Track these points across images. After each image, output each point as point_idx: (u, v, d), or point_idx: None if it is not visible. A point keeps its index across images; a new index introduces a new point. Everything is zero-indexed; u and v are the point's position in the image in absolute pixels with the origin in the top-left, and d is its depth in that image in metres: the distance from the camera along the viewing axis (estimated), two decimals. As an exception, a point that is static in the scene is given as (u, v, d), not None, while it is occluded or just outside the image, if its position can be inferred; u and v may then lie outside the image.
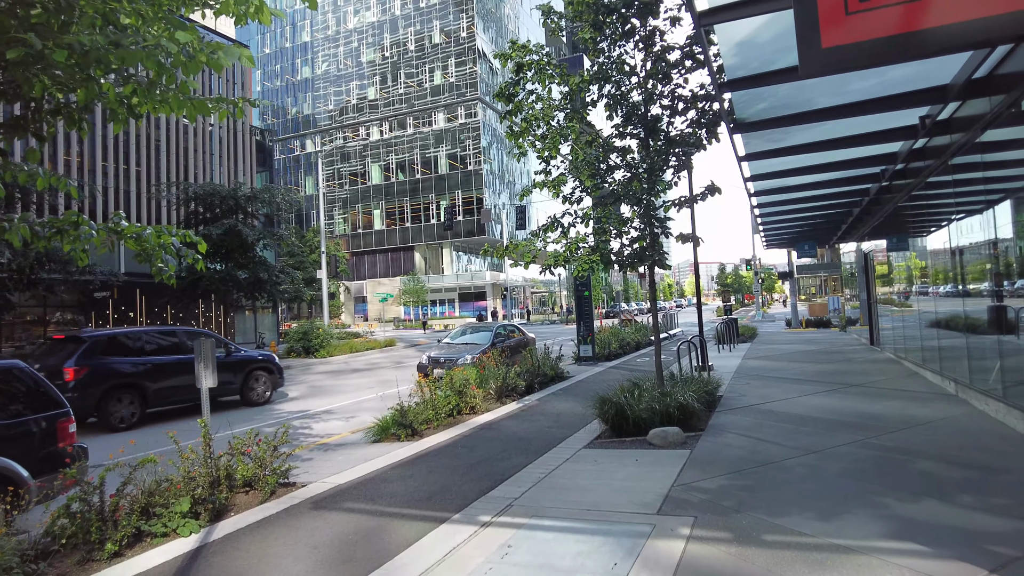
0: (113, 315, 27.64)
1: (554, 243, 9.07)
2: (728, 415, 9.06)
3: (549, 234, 9.19)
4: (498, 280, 62.75)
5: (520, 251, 9.01)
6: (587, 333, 18.18)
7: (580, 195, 9.08)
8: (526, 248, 9.02)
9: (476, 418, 10.00)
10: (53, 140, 26.25)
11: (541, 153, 8.82)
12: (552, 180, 8.97)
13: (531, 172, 9.12)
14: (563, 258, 8.71)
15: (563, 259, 8.71)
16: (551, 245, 9.09)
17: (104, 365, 11.67)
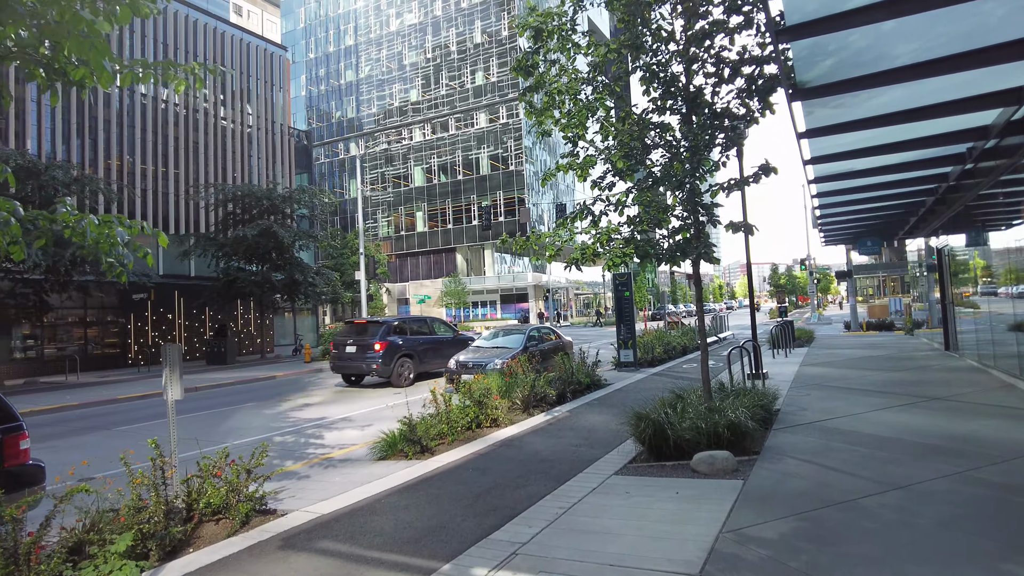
0: (151, 316, 27.69)
1: (583, 234, 7.94)
2: (787, 434, 7.75)
3: (577, 223, 8.07)
4: (540, 281, 61.63)
5: (542, 243, 7.89)
6: (628, 337, 16.91)
7: (612, 180, 7.93)
8: (549, 240, 7.88)
9: (497, 432, 8.94)
10: (94, 144, 26.47)
11: (566, 132, 7.70)
12: (579, 162, 7.84)
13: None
14: (591, 251, 7.56)
15: (591, 252, 7.57)
16: (579, 236, 7.95)
17: (395, 341, 16.38)
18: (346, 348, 16.56)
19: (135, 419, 13.23)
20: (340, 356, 16.76)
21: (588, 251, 7.57)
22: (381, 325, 16.76)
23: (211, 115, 31.56)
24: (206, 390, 18.23)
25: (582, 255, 7.54)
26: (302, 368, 23.21)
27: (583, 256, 7.57)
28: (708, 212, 7.63)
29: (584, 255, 7.56)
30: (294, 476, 7.49)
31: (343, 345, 16.73)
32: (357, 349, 16.40)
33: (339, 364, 16.89)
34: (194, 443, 10.31)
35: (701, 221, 7.66)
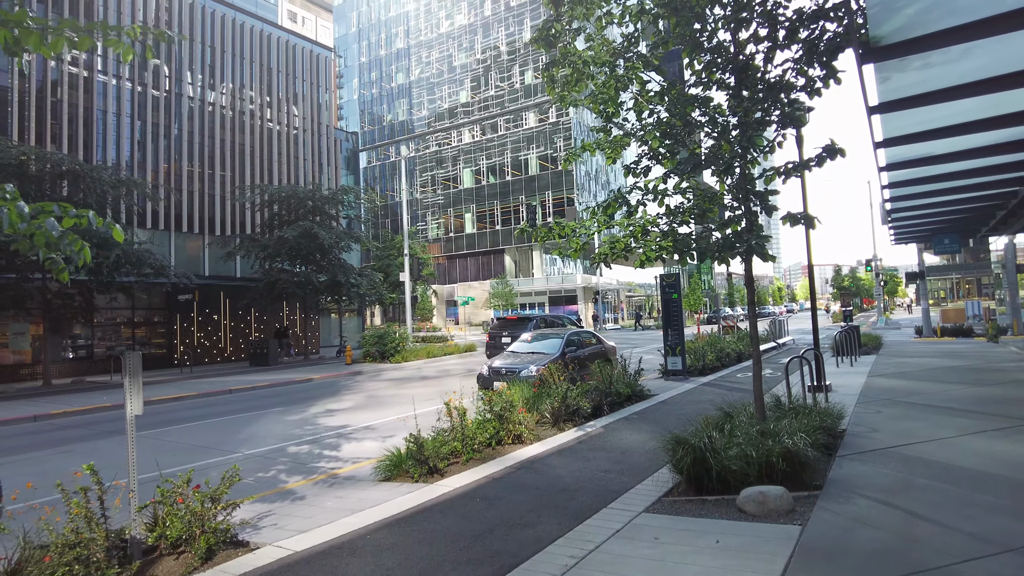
0: (197, 317, 27.91)
1: (616, 225, 6.91)
2: (856, 464, 6.52)
3: (612, 215, 7.05)
4: (590, 283, 60.27)
5: (565, 233, 6.88)
6: (676, 342, 15.67)
7: (648, 164, 6.88)
8: (574, 230, 6.85)
9: (520, 451, 8.00)
10: (141, 146, 26.81)
11: (595, 108, 6.69)
12: (608, 141, 6.81)
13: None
14: (622, 245, 6.53)
15: (622, 247, 6.54)
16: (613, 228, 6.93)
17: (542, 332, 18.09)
18: (501, 339, 20.89)
19: (159, 423, 12.89)
20: (495, 346, 20.93)
21: (618, 245, 6.54)
22: (530, 320, 21.15)
23: (257, 117, 31.73)
24: (240, 392, 17.94)
25: (611, 250, 6.52)
26: (341, 370, 22.82)
27: (612, 251, 6.54)
28: (762, 200, 6.50)
29: (613, 250, 6.54)
30: (289, 497, 6.74)
31: (498, 336, 21.09)
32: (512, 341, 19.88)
33: (494, 352, 20.32)
34: (204, 452, 9.83)
35: (753, 211, 6.54)
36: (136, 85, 26.81)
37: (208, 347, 28.50)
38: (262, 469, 8.51)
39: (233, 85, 30.87)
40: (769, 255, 6.41)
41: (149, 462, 9.30)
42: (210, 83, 29.86)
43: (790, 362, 9.49)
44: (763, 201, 6.50)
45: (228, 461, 9.06)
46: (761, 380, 6.83)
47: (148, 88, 27.18)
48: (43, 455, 10.22)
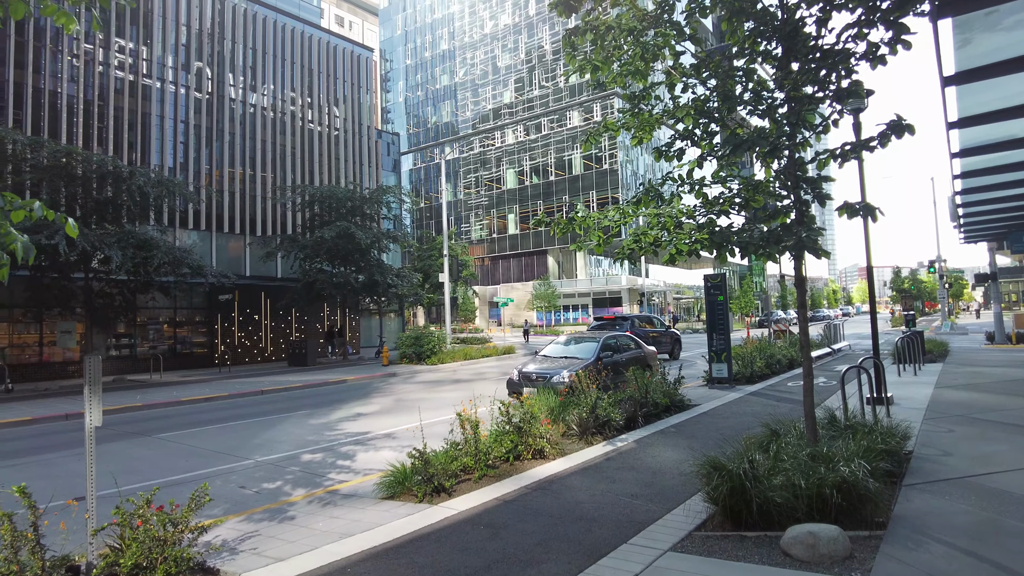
0: (238, 317, 28.10)
1: (646, 217, 6.12)
2: (927, 496, 5.56)
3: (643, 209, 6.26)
4: (635, 284, 58.93)
5: (586, 226, 6.10)
6: (722, 348, 14.63)
7: (682, 146, 6.06)
8: (595, 223, 6.07)
9: (540, 468, 7.27)
10: (185, 148, 27.14)
11: (621, 81, 5.90)
12: (635, 119, 6.01)
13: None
14: (650, 239, 5.73)
15: (650, 240, 5.74)
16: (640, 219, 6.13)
17: (637, 330, 21.68)
18: None
19: (182, 424, 12.65)
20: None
21: (645, 239, 5.75)
22: (628, 320, 23.47)
23: (298, 118, 31.85)
24: (271, 393, 17.72)
25: (636, 243, 5.73)
26: (376, 372, 22.48)
27: (638, 245, 5.75)
28: (813, 188, 5.61)
29: (639, 243, 5.74)
30: (281, 515, 6.19)
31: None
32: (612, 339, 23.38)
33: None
34: (216, 458, 9.41)
35: (804, 200, 5.66)
36: (179, 88, 27.18)
37: (249, 347, 28.68)
38: (268, 479, 8.04)
39: (274, 87, 31.06)
40: (823, 251, 5.52)
41: (159, 468, 8.99)
42: (251, 85, 30.10)
43: (847, 372, 8.47)
44: (815, 189, 5.61)
45: (237, 469, 8.65)
46: (812, 394, 5.91)
47: (191, 91, 27.53)
48: (57, 457, 10.02)
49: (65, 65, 23.72)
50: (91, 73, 24.47)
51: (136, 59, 25.83)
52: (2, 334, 21.68)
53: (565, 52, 5.74)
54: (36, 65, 22.98)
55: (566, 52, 5.72)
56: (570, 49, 5.70)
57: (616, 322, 23.35)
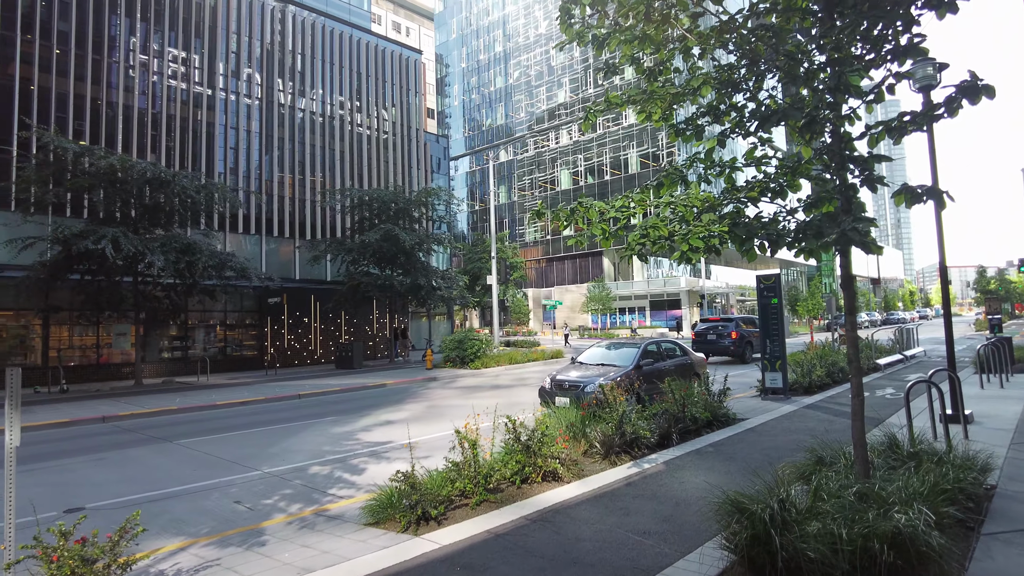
0: (288, 320, 28.34)
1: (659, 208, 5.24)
2: (1013, 552, 4.44)
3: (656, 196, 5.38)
4: (695, 286, 56.88)
5: (590, 217, 5.26)
6: (776, 356, 13.38)
7: (702, 122, 5.15)
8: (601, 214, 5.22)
9: (549, 492, 6.46)
10: (235, 154, 27.56)
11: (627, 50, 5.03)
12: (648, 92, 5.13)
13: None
14: (657, 235, 4.85)
15: (664, 234, 4.86)
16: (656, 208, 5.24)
17: (742, 330, 23.09)
18: (707, 337, 24.04)
19: (208, 430, 12.46)
20: (703, 341, 23.93)
21: (654, 232, 4.87)
22: (732, 321, 24.24)
23: (347, 121, 31.98)
24: (308, 397, 17.52)
25: (644, 238, 4.86)
26: (417, 375, 22.07)
27: (648, 239, 4.87)
28: (863, 169, 4.61)
29: (651, 239, 4.87)
30: (251, 540, 5.65)
31: (704, 334, 24.24)
32: (717, 337, 23.79)
33: (700, 346, 23.39)
34: (226, 467, 9.00)
35: (851, 184, 4.66)
36: (229, 94, 27.65)
37: (298, 349, 28.89)
38: (267, 493, 7.58)
39: (323, 91, 31.29)
40: (874, 244, 4.50)
41: (164, 478, 8.67)
42: (301, 90, 30.39)
43: (913, 385, 7.27)
44: (865, 170, 4.61)
45: (240, 481, 8.27)
46: (862, 418, 4.88)
47: (241, 97, 27.97)
48: (76, 462, 9.89)
49: (121, 75, 24.43)
50: (145, 83, 25.14)
51: (188, 67, 26.41)
52: (61, 337, 22.44)
53: (561, 23, 4.93)
54: (95, 76, 23.73)
55: (562, 22, 4.91)
56: (566, 16, 4.88)
57: (721, 322, 24.70)
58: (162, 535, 6.11)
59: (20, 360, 21.66)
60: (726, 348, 23.19)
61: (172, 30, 26.01)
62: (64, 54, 23.09)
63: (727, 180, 5.15)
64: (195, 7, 26.87)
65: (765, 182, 4.81)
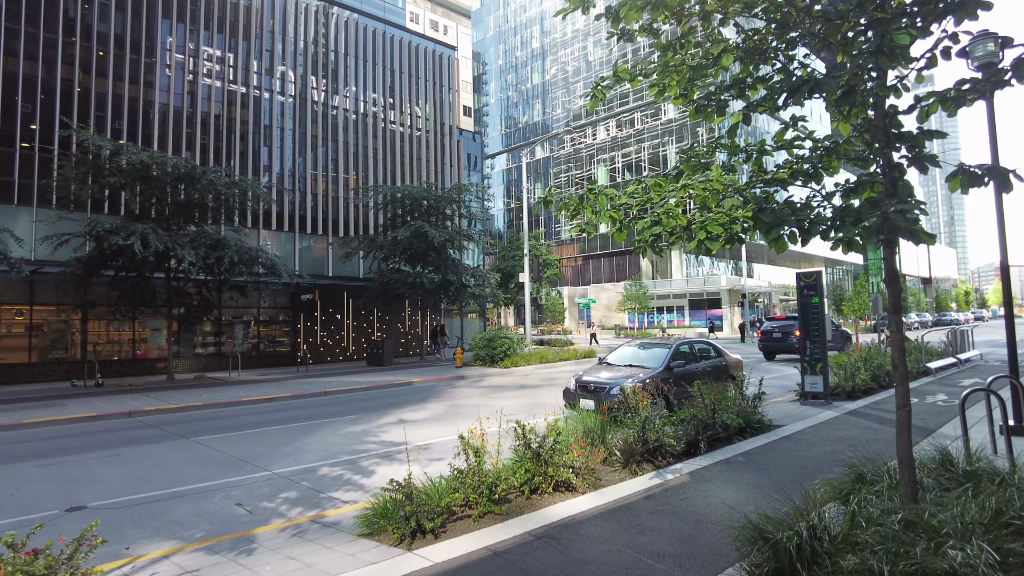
0: (321, 316, 28.42)
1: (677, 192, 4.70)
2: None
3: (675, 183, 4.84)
4: (736, 285, 55.36)
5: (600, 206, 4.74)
6: (816, 358, 12.58)
7: (725, 97, 4.59)
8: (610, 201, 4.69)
9: (560, 505, 5.98)
10: (269, 151, 27.73)
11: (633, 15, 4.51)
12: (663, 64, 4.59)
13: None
14: (680, 222, 4.32)
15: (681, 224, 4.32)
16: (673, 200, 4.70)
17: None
18: (772, 335, 24.57)
19: (227, 427, 12.34)
20: (768, 340, 24.73)
21: (671, 219, 4.32)
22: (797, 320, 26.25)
23: (380, 118, 31.91)
24: (334, 395, 17.37)
25: (658, 226, 4.32)
26: (446, 374, 21.77)
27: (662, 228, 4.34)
28: (911, 147, 4.00)
29: (664, 227, 4.33)
30: (238, 548, 5.35)
31: (770, 333, 24.78)
32: (781, 336, 24.15)
33: (766, 345, 24.81)
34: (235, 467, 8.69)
35: (897, 163, 4.06)
36: (263, 92, 27.82)
37: (331, 346, 28.95)
38: (271, 496, 7.32)
39: (356, 88, 31.26)
40: (923, 233, 3.89)
41: (170, 477, 8.48)
42: (334, 87, 30.42)
43: (969, 393, 6.54)
44: (914, 148, 4.00)
45: (246, 482, 8.05)
46: (909, 432, 4.25)
47: (275, 94, 28.13)
48: (92, 458, 9.82)
49: (158, 75, 24.76)
50: (182, 82, 25.44)
51: (224, 66, 26.66)
52: (99, 332, 22.85)
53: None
54: (133, 76, 24.10)
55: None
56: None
57: (787, 321, 24.95)
58: (155, 539, 5.87)
59: (61, 354, 22.14)
60: (791, 346, 23.34)
61: (207, 29, 26.27)
62: (104, 55, 23.50)
63: (754, 164, 4.57)
64: (230, 6, 27.12)
65: (797, 163, 4.22)
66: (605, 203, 4.59)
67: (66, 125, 20.61)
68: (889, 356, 15.53)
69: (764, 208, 3.93)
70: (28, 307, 21.55)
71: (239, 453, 9.90)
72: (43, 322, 21.92)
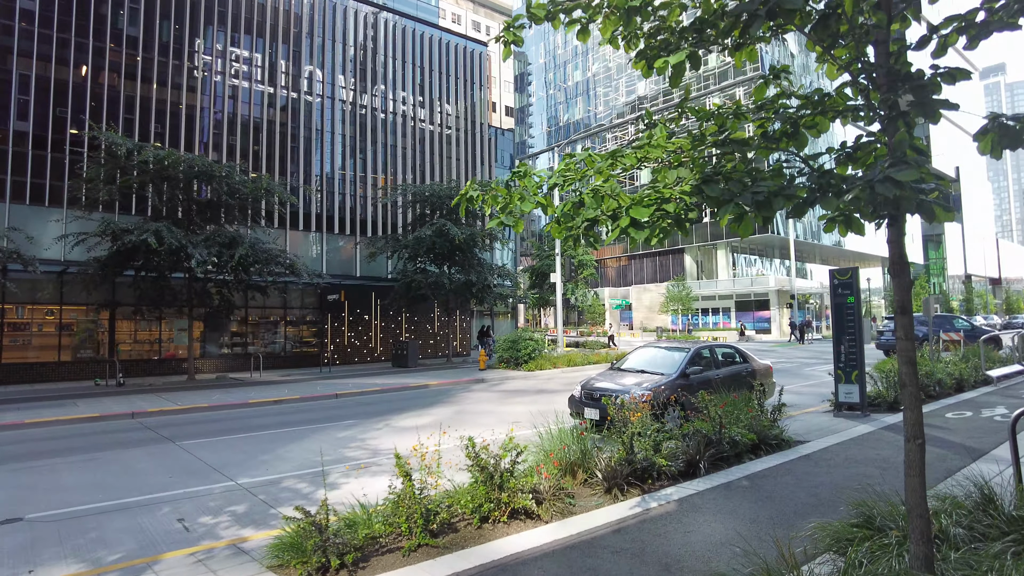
0: (348, 317, 28.12)
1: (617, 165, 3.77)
2: None
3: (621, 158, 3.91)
4: (784, 286, 52.92)
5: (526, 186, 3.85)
6: (852, 364, 11.26)
7: (665, 38, 3.64)
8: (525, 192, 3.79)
9: (511, 538, 5.10)
10: (295, 151, 27.62)
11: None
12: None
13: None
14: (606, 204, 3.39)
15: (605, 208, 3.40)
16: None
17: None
18: (883, 336, 25.56)
19: (218, 431, 11.88)
20: (884, 341, 25.16)
21: (608, 201, 3.39)
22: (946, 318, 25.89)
23: (409, 117, 31.47)
24: (345, 398, 16.84)
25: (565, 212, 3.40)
26: (465, 377, 21.01)
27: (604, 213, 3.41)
28: (917, 93, 2.98)
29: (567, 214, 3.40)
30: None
31: (883, 332, 25.80)
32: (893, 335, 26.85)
33: (881, 343, 25.41)
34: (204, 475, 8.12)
35: (903, 111, 3.04)
36: (291, 92, 27.69)
37: (358, 347, 28.63)
38: (218, 511, 6.79)
39: (384, 86, 30.90)
40: (939, 205, 2.87)
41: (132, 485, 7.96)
42: (363, 86, 30.11)
43: (1021, 415, 5.34)
44: (923, 93, 2.98)
45: (204, 493, 7.63)
46: (923, 473, 3.21)
47: (302, 93, 27.97)
48: (64, 462, 9.46)
49: (185, 76, 24.85)
50: (209, 83, 25.49)
51: (251, 67, 26.62)
52: (126, 331, 23.01)
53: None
54: (161, 77, 24.24)
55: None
56: None
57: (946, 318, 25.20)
58: (66, 560, 5.34)
59: (90, 353, 22.36)
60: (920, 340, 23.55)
61: (235, 31, 26.28)
62: (132, 57, 23.69)
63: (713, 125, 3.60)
64: (257, 6, 27.08)
65: (770, 118, 3.24)
66: (532, 185, 3.69)
67: (89, 127, 20.76)
68: (942, 363, 14.01)
69: (711, 178, 2.97)
70: (58, 306, 21.83)
71: (215, 460, 9.38)
72: (73, 321, 22.18)
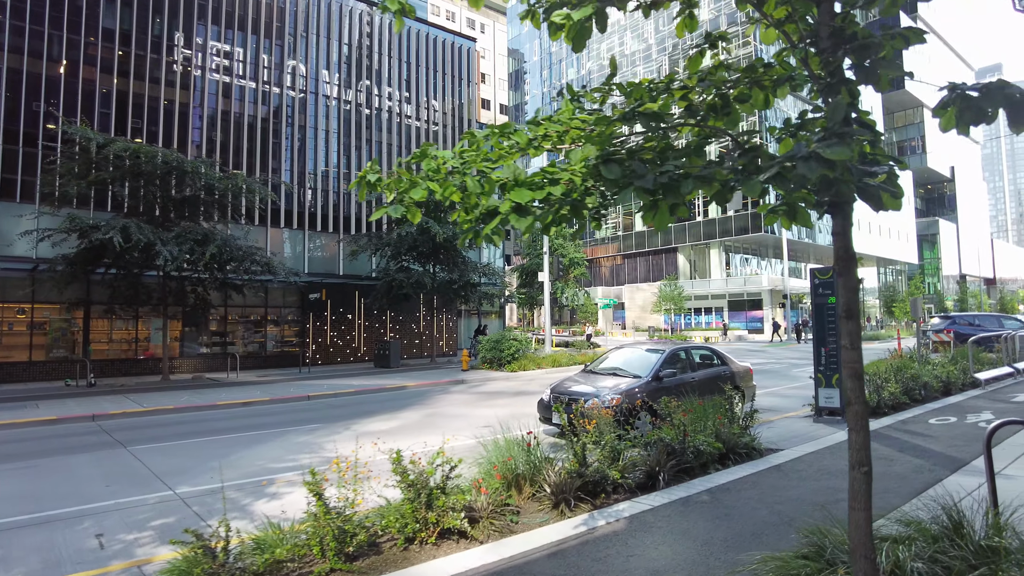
0: (331, 316, 27.62)
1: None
2: None
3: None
4: (777, 286, 52.55)
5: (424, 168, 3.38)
6: (831, 368, 10.80)
7: None
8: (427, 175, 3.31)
9: (436, 562, 4.64)
10: (277, 147, 27.09)
11: None
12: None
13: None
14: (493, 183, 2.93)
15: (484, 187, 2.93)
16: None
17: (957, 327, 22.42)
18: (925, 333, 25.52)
19: (175, 435, 11.39)
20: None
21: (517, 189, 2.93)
22: (949, 319, 25.77)
23: (395, 113, 30.96)
24: (317, 399, 16.35)
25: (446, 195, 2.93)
26: (445, 378, 20.52)
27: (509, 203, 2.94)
28: (864, 54, 2.52)
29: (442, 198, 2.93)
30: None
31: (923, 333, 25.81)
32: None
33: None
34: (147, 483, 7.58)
35: (846, 80, 2.58)
36: (272, 86, 27.15)
37: (340, 346, 28.13)
38: (141, 526, 6.45)
39: (371, 82, 30.38)
40: (885, 190, 2.41)
41: (63, 494, 7.48)
42: (347, 80, 29.58)
43: (997, 427, 4.86)
44: (868, 56, 2.52)
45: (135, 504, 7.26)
46: (869, 507, 2.75)
47: (285, 88, 27.43)
48: (2, 470, 8.93)
49: (164, 70, 24.27)
50: (188, 76, 24.92)
51: (231, 60, 26.06)
52: (102, 331, 22.47)
53: None
54: (139, 71, 23.66)
55: None
56: None
57: (977, 319, 25.41)
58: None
59: (63, 353, 21.84)
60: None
61: (216, 24, 25.73)
62: (110, 51, 23.12)
63: (631, 99, 3.13)
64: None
65: (694, 90, 2.78)
66: (431, 164, 3.22)
67: (62, 121, 20.22)
68: (928, 365, 13.58)
69: (613, 157, 2.51)
70: (30, 305, 21.29)
71: (162, 467, 8.91)
72: (45, 320, 21.66)
